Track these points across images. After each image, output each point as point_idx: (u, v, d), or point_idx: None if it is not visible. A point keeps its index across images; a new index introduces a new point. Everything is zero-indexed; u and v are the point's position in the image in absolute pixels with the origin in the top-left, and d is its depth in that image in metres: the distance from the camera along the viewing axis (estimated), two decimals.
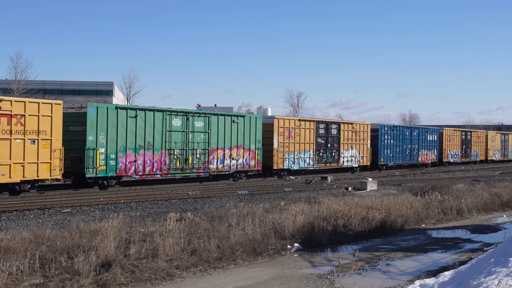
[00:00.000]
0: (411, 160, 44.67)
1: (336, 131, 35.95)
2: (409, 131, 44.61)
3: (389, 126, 42.51)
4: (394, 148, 42.06)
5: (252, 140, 29.06)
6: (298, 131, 32.54)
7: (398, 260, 13.75)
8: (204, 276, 11.56)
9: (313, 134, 33.78)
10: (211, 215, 16.10)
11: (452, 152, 50.90)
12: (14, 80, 54.71)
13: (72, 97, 65.39)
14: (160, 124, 24.45)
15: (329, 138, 35.34)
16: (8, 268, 10.29)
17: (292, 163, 32.07)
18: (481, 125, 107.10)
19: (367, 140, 38.95)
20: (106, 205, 19.14)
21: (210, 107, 64.02)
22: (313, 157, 33.91)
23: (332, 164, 35.85)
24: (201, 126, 26.39)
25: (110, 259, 11.18)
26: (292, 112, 76.91)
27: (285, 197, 22.61)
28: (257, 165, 29.45)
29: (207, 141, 26.66)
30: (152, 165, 24.18)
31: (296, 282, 11.44)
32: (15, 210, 17.37)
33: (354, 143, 37.67)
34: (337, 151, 36.10)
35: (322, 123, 35.11)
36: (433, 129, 48.70)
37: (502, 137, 62.31)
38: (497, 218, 21.45)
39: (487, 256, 10.26)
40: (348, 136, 37.08)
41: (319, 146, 34.43)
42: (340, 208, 17.78)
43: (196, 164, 26.15)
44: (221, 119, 27.45)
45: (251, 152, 28.98)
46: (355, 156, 37.83)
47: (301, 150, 32.88)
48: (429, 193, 22.24)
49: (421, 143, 45.61)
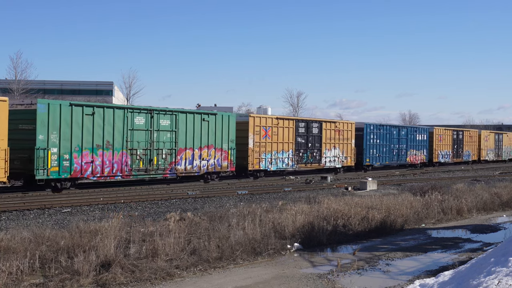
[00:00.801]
0: (399, 161, 43.33)
1: (317, 130, 34.44)
2: (396, 130, 43.15)
3: (375, 125, 40.86)
4: (380, 148, 40.66)
5: (225, 140, 27.64)
6: (276, 130, 31.00)
7: (398, 260, 13.75)
8: (204, 276, 11.56)
9: (292, 133, 32.30)
10: (211, 214, 16.10)
11: (443, 152, 49.54)
12: (14, 80, 54.74)
13: (72, 97, 65.42)
14: (121, 122, 22.97)
15: (310, 138, 33.77)
16: (8, 268, 10.29)
17: (269, 164, 30.60)
18: (481, 125, 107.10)
19: (352, 139, 37.60)
20: (106, 205, 19.14)
21: (210, 107, 64.02)
22: (293, 157, 32.37)
23: (313, 164, 34.28)
24: (167, 125, 24.91)
25: (110, 259, 11.18)
26: (292, 112, 76.94)
27: (285, 197, 22.62)
28: (230, 166, 27.98)
29: (174, 141, 25.21)
30: (111, 166, 22.67)
31: (296, 282, 11.44)
32: (15, 210, 17.37)
33: (337, 143, 36.23)
34: (319, 151, 34.59)
35: (302, 121, 33.59)
36: (423, 128, 47.38)
37: (496, 137, 60.87)
38: (497, 218, 21.45)
39: (487, 256, 10.26)
40: (330, 135, 35.58)
41: (299, 145, 32.93)
42: (340, 208, 17.79)
43: (162, 165, 24.71)
44: (190, 117, 26.00)
45: (223, 152, 27.55)
46: (338, 156, 36.33)
47: (279, 150, 31.41)
48: (429, 193, 22.24)
49: (409, 142, 44.26)
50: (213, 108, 63.65)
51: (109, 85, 76.06)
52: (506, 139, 63.58)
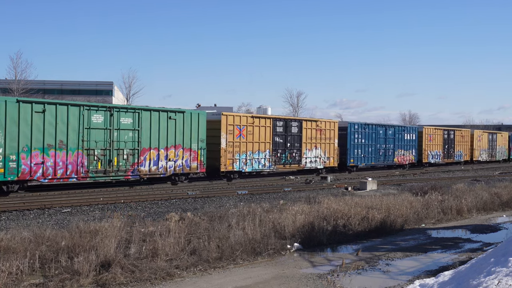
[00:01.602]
0: (386, 161, 41.56)
1: (297, 129, 32.67)
2: (383, 129, 41.43)
3: (360, 124, 39.09)
4: (366, 148, 38.96)
5: (194, 139, 25.93)
6: (252, 129, 29.34)
7: (398, 260, 13.76)
8: (204, 276, 11.56)
9: (269, 132, 30.58)
10: (211, 215, 16.11)
11: (433, 152, 47.71)
12: (14, 80, 54.76)
13: (72, 97, 65.46)
14: (76, 120, 21.30)
15: (288, 137, 32.00)
16: (8, 268, 10.29)
17: (244, 165, 28.93)
18: (481, 124, 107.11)
19: (334, 139, 35.79)
20: (106, 205, 19.15)
21: (210, 107, 63.99)
22: (270, 158, 30.64)
23: (293, 165, 32.57)
24: (129, 123, 23.23)
25: (110, 259, 11.19)
26: (292, 112, 76.94)
27: (285, 197, 22.62)
28: (200, 167, 26.25)
29: (137, 140, 23.48)
30: (65, 167, 20.92)
31: (296, 282, 11.44)
32: (15, 210, 17.38)
33: (319, 142, 34.40)
34: (299, 151, 32.87)
35: (280, 120, 31.75)
36: (411, 127, 45.82)
37: (489, 137, 58.80)
38: (497, 218, 21.45)
39: (487, 256, 10.27)
40: (311, 134, 33.77)
41: (276, 145, 31.20)
42: (340, 208, 17.80)
43: (123, 166, 23.00)
44: (155, 115, 24.30)
45: (192, 152, 25.84)
46: (319, 156, 34.49)
47: (255, 150, 29.66)
48: (429, 193, 22.26)
49: (397, 142, 42.54)
50: (213, 108, 63.63)
51: (109, 85, 76.09)
52: (500, 139, 61.80)
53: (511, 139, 64.93)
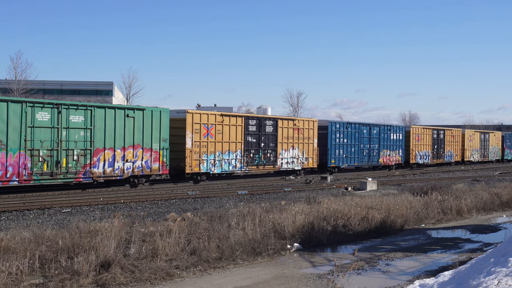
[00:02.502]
0: (370, 162, 40.14)
1: (272, 128, 31.03)
2: (367, 129, 39.75)
3: (342, 123, 37.65)
4: (348, 148, 37.39)
5: (155, 139, 24.21)
6: (221, 128, 27.70)
7: (397, 260, 13.76)
8: (203, 276, 11.57)
9: (241, 131, 28.92)
10: (211, 215, 16.11)
11: (421, 152, 46.22)
12: (14, 80, 54.77)
13: (72, 97, 65.47)
14: (17, 118, 19.46)
15: (262, 137, 30.32)
16: (8, 268, 10.30)
17: (213, 166, 27.28)
18: (481, 125, 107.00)
19: (314, 138, 34.19)
20: (106, 205, 19.15)
21: (210, 107, 63.98)
22: (241, 159, 28.95)
23: (267, 166, 30.95)
24: (80, 121, 21.30)
25: (110, 259, 11.19)
26: (292, 112, 76.92)
27: (285, 197, 22.63)
28: (162, 168, 24.54)
29: (89, 140, 21.57)
30: (5, 169, 19.13)
31: (296, 282, 11.45)
32: (15, 210, 17.38)
33: (297, 142, 32.77)
34: (274, 151, 31.20)
35: (253, 118, 30.08)
36: (398, 127, 44.25)
37: (481, 136, 57.30)
38: (497, 218, 21.46)
39: (487, 256, 10.27)
40: (288, 134, 32.15)
41: (249, 145, 29.48)
42: (340, 208, 17.81)
43: (73, 167, 21.07)
44: (110, 112, 22.41)
45: (153, 152, 24.13)
46: (297, 157, 32.82)
47: (225, 151, 28.01)
48: (429, 193, 22.26)
49: (382, 142, 41.01)
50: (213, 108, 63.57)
51: (109, 85, 76.05)
52: (493, 138, 60.26)
53: (504, 139, 63.61)
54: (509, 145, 64.86)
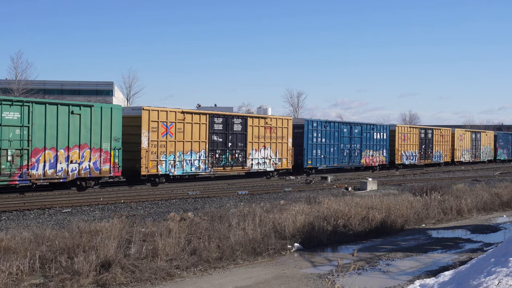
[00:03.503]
0: (352, 162, 38.47)
1: (240, 127, 29.28)
2: (347, 128, 37.95)
3: (319, 122, 35.81)
4: (327, 148, 35.64)
5: (106, 138, 22.20)
6: (182, 126, 25.91)
7: (398, 260, 13.76)
8: (204, 276, 11.57)
9: (205, 130, 27.20)
10: (211, 215, 16.12)
11: (408, 153, 44.36)
12: (14, 80, 54.82)
13: (72, 97, 65.47)
14: None
15: (230, 136, 28.58)
16: (8, 268, 10.30)
17: (172, 167, 25.44)
18: (481, 125, 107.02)
19: (288, 138, 32.32)
20: (106, 205, 19.16)
21: (210, 107, 64.00)
22: (205, 159, 27.21)
23: (235, 167, 29.27)
24: (15, 119, 19.37)
25: (110, 259, 11.19)
26: (293, 112, 76.94)
27: (285, 197, 22.63)
28: (113, 170, 22.58)
29: (26, 139, 19.63)
30: None
31: (296, 282, 11.45)
32: (15, 210, 17.39)
33: (269, 142, 30.90)
34: (243, 151, 29.36)
35: (218, 116, 28.26)
36: (382, 126, 42.19)
37: (472, 136, 55.71)
38: (497, 218, 21.46)
39: (487, 256, 10.27)
40: (259, 133, 30.29)
41: (214, 145, 27.80)
42: (340, 208, 17.81)
43: (7, 169, 19.12)
44: (51, 109, 20.34)
45: (103, 153, 22.13)
46: (269, 157, 30.99)
47: (187, 151, 26.21)
48: (429, 193, 22.26)
49: (365, 142, 39.23)
50: (213, 108, 63.63)
51: (109, 85, 76.06)
52: (485, 138, 58.61)
53: (497, 139, 61.94)
54: (502, 145, 63.33)
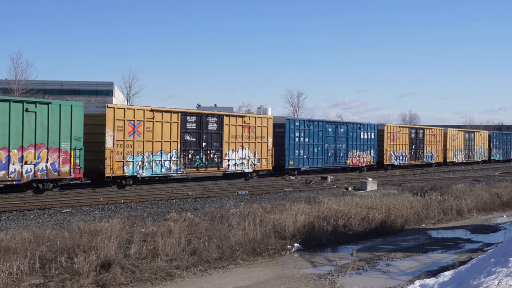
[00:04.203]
0: (337, 163, 36.82)
1: (216, 126, 27.67)
2: (332, 127, 36.31)
3: (302, 121, 34.09)
4: (310, 148, 34.01)
5: (65, 137, 20.61)
6: (151, 125, 24.30)
7: (398, 260, 13.77)
8: (204, 276, 11.58)
9: (177, 129, 25.57)
10: (211, 215, 16.12)
11: (397, 153, 42.71)
12: (14, 80, 54.80)
13: (72, 97, 65.46)
14: None
15: (204, 135, 27.01)
16: (8, 268, 10.30)
17: (140, 168, 23.84)
18: (481, 125, 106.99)
19: (268, 137, 30.72)
20: (106, 205, 19.15)
21: (210, 107, 64.00)
22: (177, 160, 25.63)
23: (210, 168, 27.62)
24: None
25: (110, 259, 11.20)
26: (293, 112, 76.89)
27: (285, 197, 22.63)
28: (74, 171, 21.04)
29: None
30: None
31: (296, 282, 11.45)
32: (15, 210, 17.38)
33: (247, 142, 29.34)
34: (219, 151, 27.83)
35: (192, 115, 26.57)
36: (369, 125, 40.34)
37: (466, 136, 53.98)
38: (497, 218, 21.47)
39: (487, 256, 10.27)
40: (236, 132, 28.76)
41: (187, 145, 26.18)
42: (340, 208, 17.82)
43: None
44: (3, 106, 18.86)
45: (62, 153, 20.54)
46: (248, 158, 29.42)
47: (156, 151, 24.62)
48: (429, 193, 22.27)
49: (351, 142, 37.73)
50: (213, 108, 63.64)
51: (109, 85, 76.02)
52: (479, 138, 56.84)
53: (491, 139, 60.15)
54: (496, 145, 61.62)
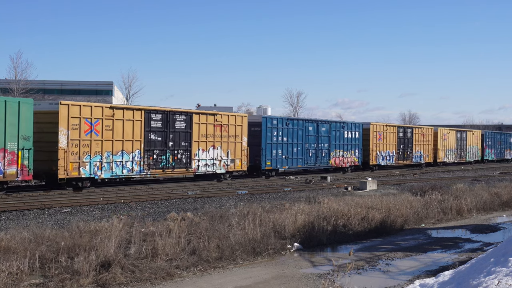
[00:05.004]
0: (318, 164, 35.16)
1: (184, 125, 26.09)
2: (313, 126, 34.51)
3: (280, 119, 32.35)
4: (289, 147, 32.42)
5: (11, 136, 19.23)
6: (111, 123, 22.74)
7: (398, 260, 13.77)
8: (204, 276, 11.58)
9: (140, 128, 23.98)
10: (211, 214, 16.12)
11: (384, 153, 41.01)
12: (14, 80, 54.77)
13: (72, 97, 65.44)
14: None
15: (171, 134, 25.45)
16: (8, 267, 10.30)
17: (99, 169, 22.30)
18: (481, 124, 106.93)
19: (242, 137, 29.10)
20: (106, 205, 19.15)
21: (210, 107, 63.99)
22: (141, 161, 24.07)
23: (178, 169, 26.07)
24: None
25: (110, 259, 11.20)
26: (292, 112, 76.86)
27: (285, 197, 22.63)
28: (22, 173, 19.59)
29: None
30: None
31: (296, 281, 11.46)
32: (15, 210, 17.38)
33: (219, 141, 27.79)
34: (187, 151, 26.24)
35: (157, 112, 25.02)
36: (354, 124, 38.69)
37: (457, 135, 52.12)
38: (496, 218, 21.48)
39: (487, 256, 10.27)
40: (207, 131, 27.18)
41: (151, 145, 24.63)
42: (340, 208, 17.82)
43: None
44: None
45: (8, 154, 19.24)
46: (220, 158, 27.90)
47: (117, 151, 22.99)
48: (429, 193, 22.28)
49: (334, 141, 36.05)
50: (213, 108, 63.59)
51: (109, 85, 76.01)
52: (471, 137, 54.89)
53: (485, 138, 58.30)
54: (490, 145, 59.76)
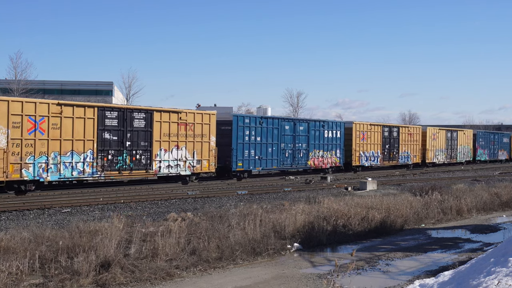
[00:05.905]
0: (296, 164, 33.25)
1: (144, 123, 24.45)
2: (290, 124, 32.77)
3: (252, 117, 30.67)
4: (263, 148, 30.70)
5: None
6: (59, 121, 21.11)
7: (397, 260, 13.77)
8: (203, 276, 11.57)
9: (93, 126, 22.35)
10: (211, 215, 16.13)
11: (368, 153, 39.45)
12: (14, 80, 54.77)
13: (72, 97, 65.43)
14: None
15: (128, 134, 23.74)
16: (8, 268, 10.30)
17: (44, 171, 20.66)
18: (481, 125, 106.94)
19: (210, 136, 27.36)
20: (106, 205, 19.15)
21: (210, 107, 63.97)
22: (93, 162, 22.41)
23: (136, 171, 24.33)
24: None
25: (110, 259, 11.20)
26: (292, 112, 76.80)
27: (285, 197, 22.63)
28: None
29: None
30: None
31: (296, 282, 11.45)
32: (15, 210, 17.39)
33: (184, 141, 26.11)
34: (147, 152, 24.63)
35: (112, 110, 23.34)
36: (335, 123, 37.10)
37: (448, 135, 50.34)
38: (496, 218, 21.47)
39: (487, 256, 10.27)
40: (169, 130, 25.51)
41: (106, 144, 22.93)
42: (340, 208, 17.81)
43: None
44: None
45: None
46: (184, 159, 26.18)
47: (65, 152, 21.34)
48: (429, 193, 22.27)
49: (312, 141, 34.31)
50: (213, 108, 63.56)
51: (109, 85, 76.01)
52: (463, 137, 53.26)
53: (477, 138, 56.69)
54: (482, 145, 58.12)
